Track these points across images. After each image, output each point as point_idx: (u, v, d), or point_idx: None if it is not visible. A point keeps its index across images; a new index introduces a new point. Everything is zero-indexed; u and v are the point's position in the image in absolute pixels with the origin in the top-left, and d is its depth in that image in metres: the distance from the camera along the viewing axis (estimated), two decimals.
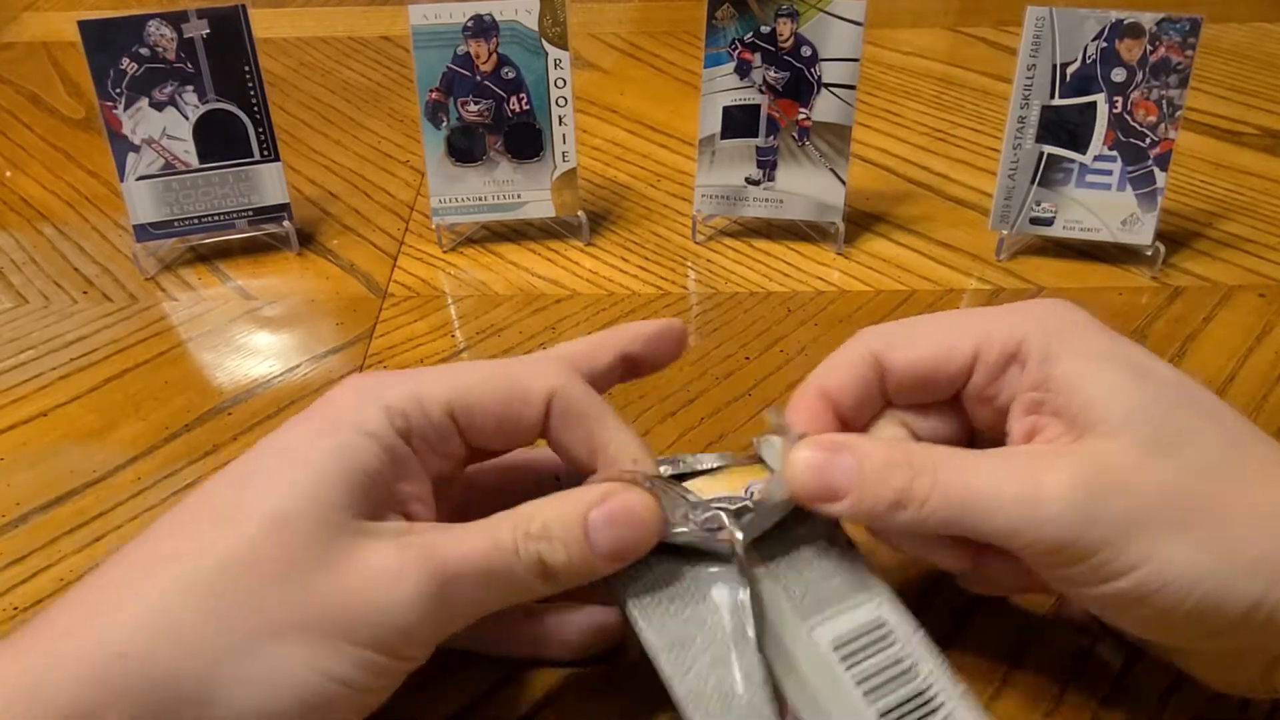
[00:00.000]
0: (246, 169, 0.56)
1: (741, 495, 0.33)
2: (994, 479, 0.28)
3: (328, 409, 0.30)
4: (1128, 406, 0.29)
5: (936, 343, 0.32)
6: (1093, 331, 0.31)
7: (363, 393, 0.30)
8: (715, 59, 0.55)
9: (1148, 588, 0.27)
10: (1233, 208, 0.61)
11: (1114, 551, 0.27)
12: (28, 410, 0.47)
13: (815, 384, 0.33)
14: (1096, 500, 0.27)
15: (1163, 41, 0.51)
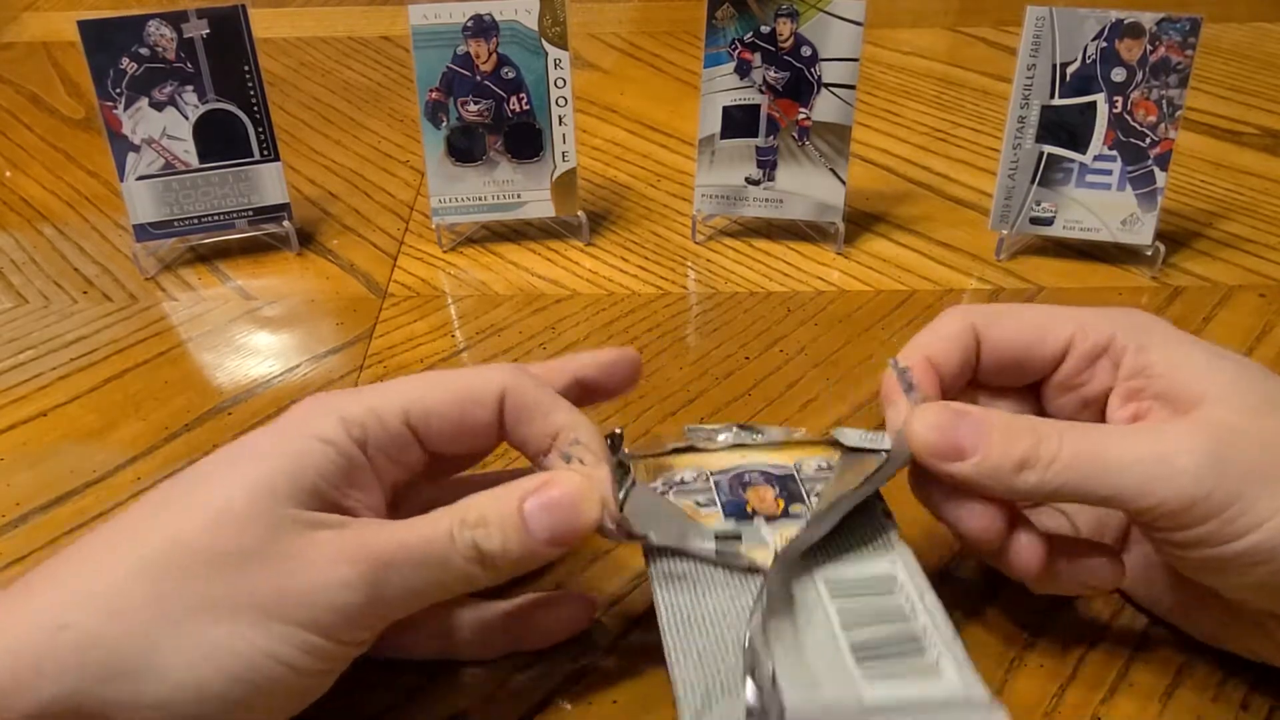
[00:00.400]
0: (246, 169, 0.56)
1: (789, 465, 0.35)
2: (1122, 441, 0.30)
3: (286, 420, 0.31)
4: (1225, 380, 0.30)
5: (1035, 325, 0.34)
6: (1172, 329, 0.34)
7: (320, 405, 0.31)
8: (715, 59, 0.55)
9: (1266, 546, 0.28)
10: (1233, 208, 0.61)
11: (1245, 505, 0.28)
12: (28, 410, 0.47)
13: (921, 351, 0.34)
14: (1226, 457, 0.28)
15: (1163, 41, 0.51)
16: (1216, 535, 0.28)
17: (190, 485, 0.29)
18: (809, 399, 0.47)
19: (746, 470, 0.35)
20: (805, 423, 0.46)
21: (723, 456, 0.36)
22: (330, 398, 0.31)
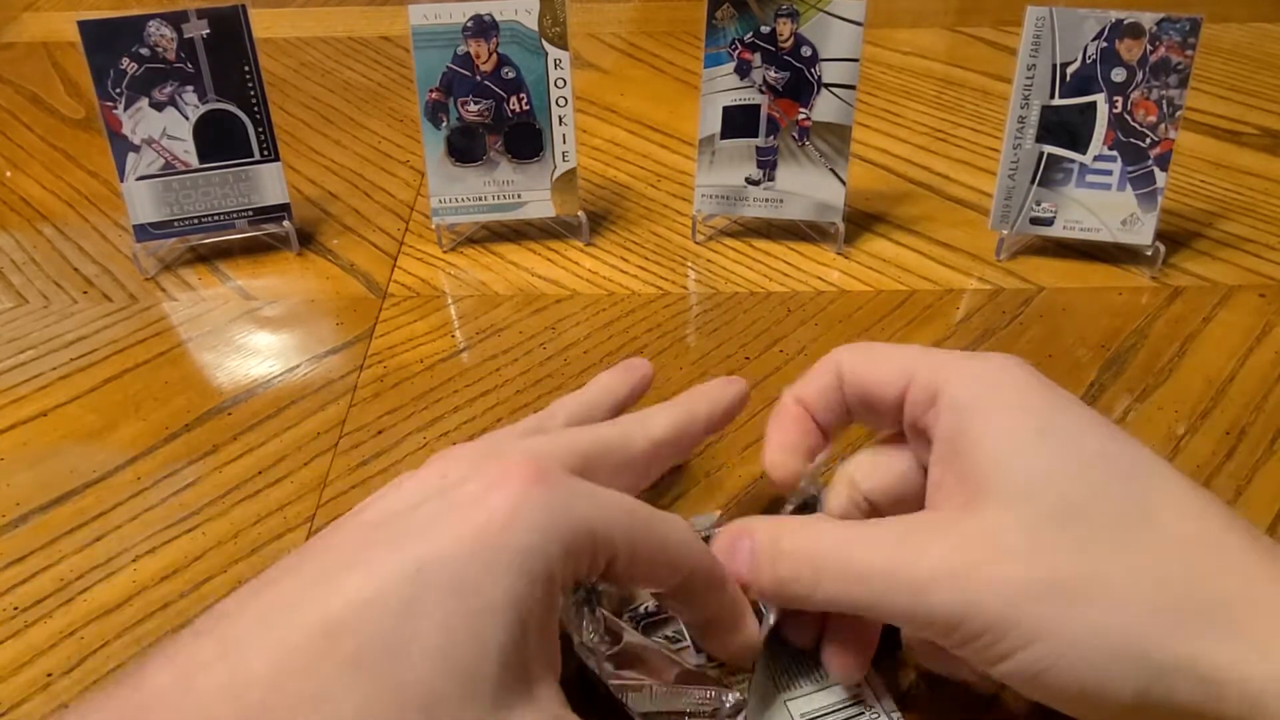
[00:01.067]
0: (246, 169, 0.56)
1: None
2: (879, 560, 0.29)
3: (490, 520, 0.25)
4: (1028, 475, 0.28)
5: (880, 369, 0.33)
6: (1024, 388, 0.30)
7: (542, 517, 0.25)
8: (715, 59, 0.55)
9: (1034, 669, 0.27)
10: (1233, 208, 0.61)
11: (997, 635, 0.27)
12: (28, 410, 0.47)
13: (792, 393, 0.36)
14: (977, 585, 0.27)
15: (1163, 41, 0.51)
16: (980, 657, 0.27)
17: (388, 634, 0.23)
18: None
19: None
20: None
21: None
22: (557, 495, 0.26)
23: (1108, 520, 0.28)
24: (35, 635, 0.37)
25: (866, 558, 0.29)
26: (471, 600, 0.24)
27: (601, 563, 0.27)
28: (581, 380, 0.48)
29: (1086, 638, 0.26)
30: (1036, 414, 0.29)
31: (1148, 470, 0.29)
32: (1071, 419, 0.30)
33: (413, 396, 0.48)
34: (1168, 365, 0.49)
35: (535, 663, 0.25)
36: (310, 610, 0.24)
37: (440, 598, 0.24)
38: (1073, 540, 0.27)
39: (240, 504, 0.42)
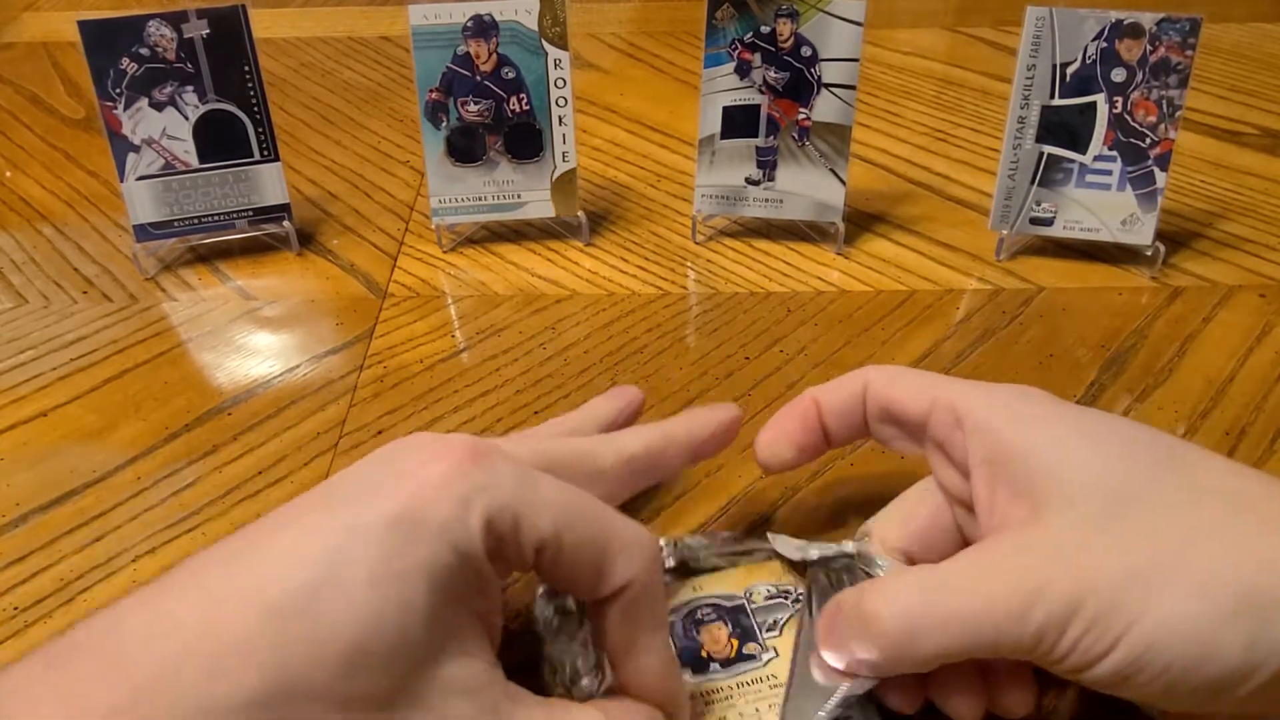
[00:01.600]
0: (246, 169, 0.56)
1: (739, 595, 0.36)
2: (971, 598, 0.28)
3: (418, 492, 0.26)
4: (1080, 474, 0.29)
5: (907, 386, 0.34)
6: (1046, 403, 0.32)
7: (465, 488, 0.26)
8: (715, 59, 0.55)
9: (1141, 649, 0.27)
10: (1233, 208, 0.61)
11: (1103, 627, 0.27)
12: (28, 410, 0.47)
13: (813, 392, 0.36)
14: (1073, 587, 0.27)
15: (1162, 41, 0.51)
16: (1080, 663, 0.27)
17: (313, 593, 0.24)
18: None
19: (699, 605, 0.35)
20: None
21: (674, 590, 0.36)
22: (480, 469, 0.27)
23: (1169, 494, 0.28)
24: (35, 635, 0.37)
25: (958, 600, 0.28)
26: (395, 562, 0.25)
27: (529, 548, 0.27)
28: (581, 380, 0.48)
29: (1188, 600, 0.26)
30: (1066, 421, 0.31)
31: (1183, 450, 0.30)
32: (1097, 420, 0.31)
33: (413, 396, 0.48)
34: (1168, 365, 0.49)
35: (463, 630, 0.26)
36: (240, 563, 0.25)
37: (366, 557, 0.25)
38: (1145, 517, 0.28)
39: (240, 504, 0.42)
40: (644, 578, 0.28)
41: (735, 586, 0.36)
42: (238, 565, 0.25)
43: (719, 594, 0.36)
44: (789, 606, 0.35)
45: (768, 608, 0.35)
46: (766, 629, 0.35)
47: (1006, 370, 0.49)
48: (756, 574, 0.36)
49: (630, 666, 0.29)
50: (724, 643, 0.34)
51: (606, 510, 0.29)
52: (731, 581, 0.36)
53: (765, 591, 0.36)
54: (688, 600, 0.36)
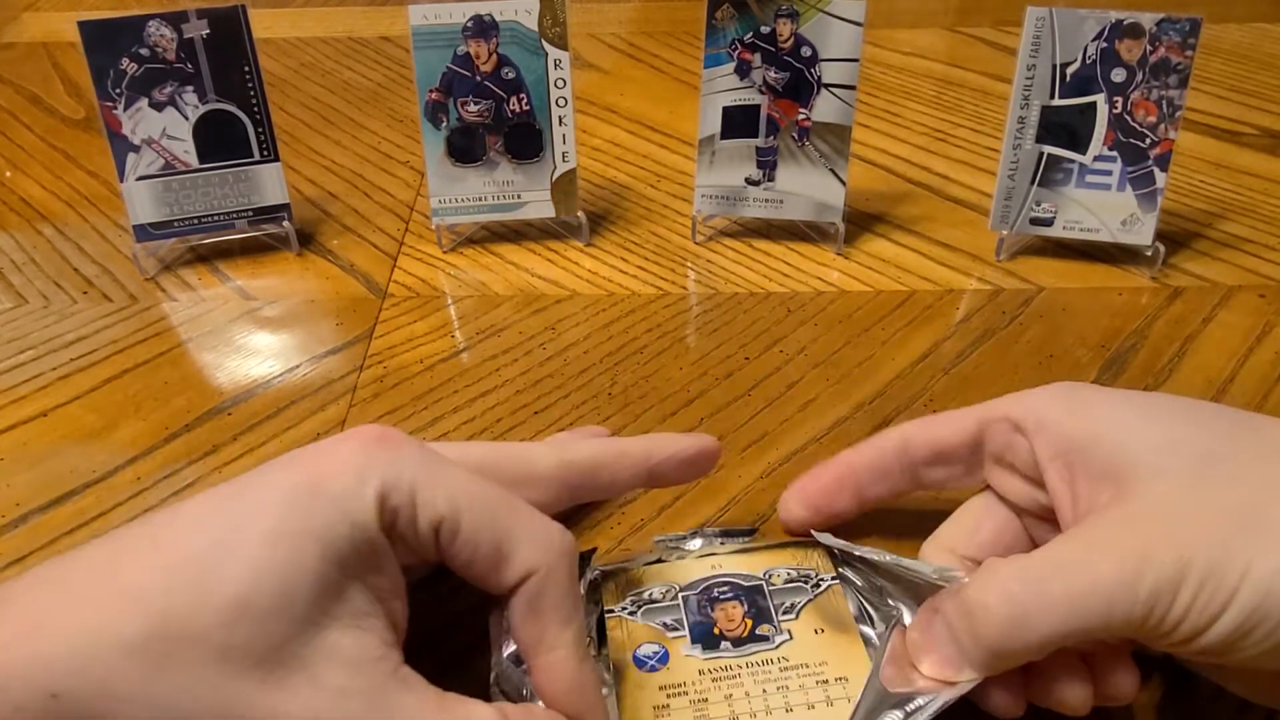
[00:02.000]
0: (246, 169, 0.56)
1: (758, 575, 0.35)
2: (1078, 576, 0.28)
3: (321, 466, 0.27)
4: (1157, 444, 0.29)
5: (950, 422, 0.35)
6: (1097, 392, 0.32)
7: (364, 463, 0.27)
8: (715, 59, 0.55)
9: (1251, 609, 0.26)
10: (1233, 208, 0.61)
11: (1214, 585, 0.27)
12: (28, 410, 0.47)
13: (845, 455, 0.37)
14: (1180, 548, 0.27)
15: (1162, 42, 0.51)
16: (1194, 628, 0.27)
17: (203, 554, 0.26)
18: (809, 399, 0.47)
19: (715, 583, 0.35)
20: (806, 423, 0.46)
21: (692, 566, 0.36)
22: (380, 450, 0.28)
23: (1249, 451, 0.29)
24: None
25: (1065, 579, 0.28)
26: (288, 524, 0.26)
27: (426, 526, 0.27)
28: (581, 380, 0.48)
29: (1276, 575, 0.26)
30: (1124, 403, 0.31)
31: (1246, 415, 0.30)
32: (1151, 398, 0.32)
33: (412, 397, 0.48)
34: (1168, 365, 0.49)
35: (355, 602, 0.27)
36: (148, 525, 0.27)
37: (261, 519, 0.26)
38: (1234, 474, 0.28)
39: None
40: (548, 569, 0.28)
41: (755, 568, 0.36)
42: (148, 528, 0.27)
43: (738, 573, 0.36)
44: (808, 590, 0.35)
45: (786, 590, 0.35)
46: (783, 611, 0.34)
47: (1006, 370, 0.49)
48: (778, 557, 0.36)
49: (539, 664, 0.29)
50: (738, 621, 0.34)
51: (513, 500, 0.29)
52: (752, 562, 0.36)
53: (785, 575, 0.36)
54: (705, 577, 0.36)
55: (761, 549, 0.37)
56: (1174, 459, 0.29)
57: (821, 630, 0.34)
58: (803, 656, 0.33)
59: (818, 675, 0.33)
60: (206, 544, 0.26)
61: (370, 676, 0.26)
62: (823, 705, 0.32)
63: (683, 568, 0.36)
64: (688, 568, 0.36)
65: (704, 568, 0.36)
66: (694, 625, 0.34)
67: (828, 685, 0.32)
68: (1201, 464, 0.29)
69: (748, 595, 0.35)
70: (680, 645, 0.34)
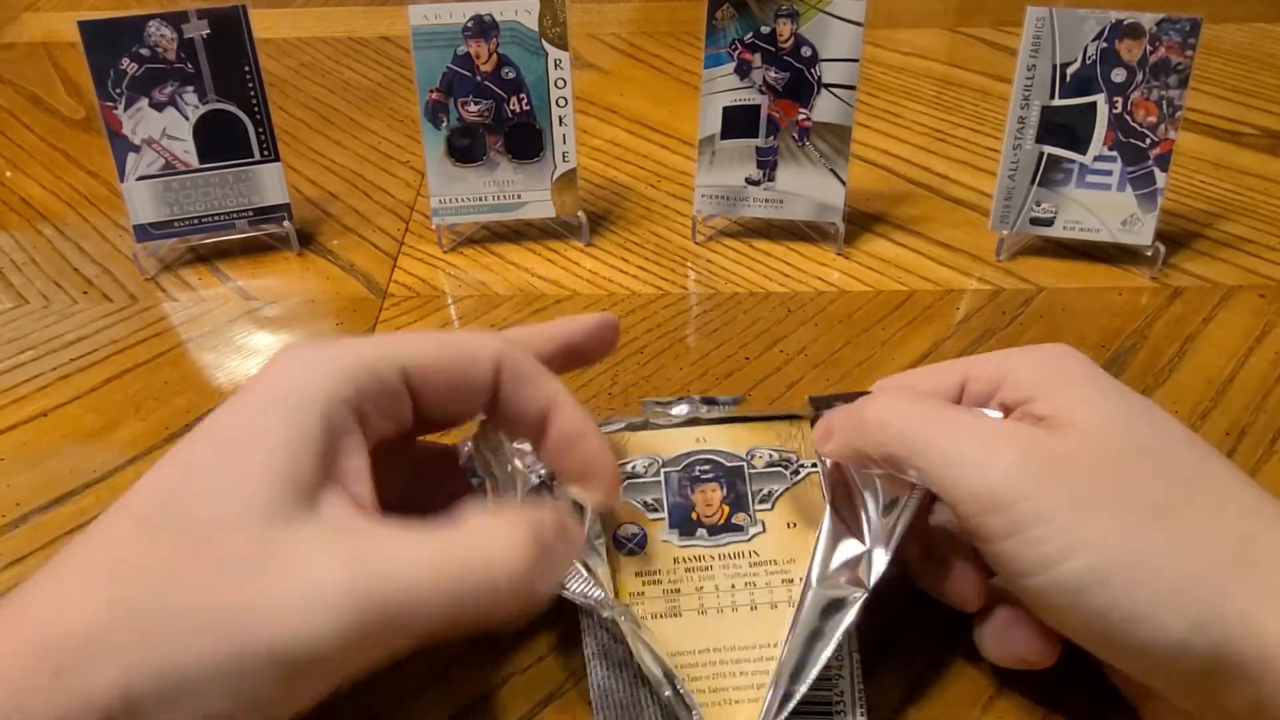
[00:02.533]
0: (246, 169, 0.56)
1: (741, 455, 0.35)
2: (955, 428, 0.30)
3: (271, 379, 0.29)
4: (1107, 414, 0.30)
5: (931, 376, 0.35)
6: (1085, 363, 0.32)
7: (308, 361, 0.29)
8: (715, 59, 0.55)
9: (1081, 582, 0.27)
10: (1233, 208, 0.61)
11: (1056, 529, 0.27)
12: (28, 410, 0.47)
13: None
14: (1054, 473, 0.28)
15: (1163, 42, 0.51)
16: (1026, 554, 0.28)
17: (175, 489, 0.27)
18: None
19: (698, 460, 0.35)
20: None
21: (677, 438, 0.36)
22: (317, 351, 0.30)
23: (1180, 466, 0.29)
24: None
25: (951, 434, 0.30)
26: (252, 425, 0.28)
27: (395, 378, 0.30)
28: (581, 380, 0.48)
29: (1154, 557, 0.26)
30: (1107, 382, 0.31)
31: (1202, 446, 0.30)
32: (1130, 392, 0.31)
33: None
34: (1168, 365, 0.49)
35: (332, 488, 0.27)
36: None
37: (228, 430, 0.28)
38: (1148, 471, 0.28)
39: None
40: (507, 351, 0.31)
41: (739, 445, 0.36)
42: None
43: (721, 450, 0.36)
44: (786, 478, 0.35)
45: (766, 475, 0.35)
46: (759, 499, 0.35)
47: None
48: (764, 434, 0.36)
49: (561, 421, 0.31)
50: (715, 507, 0.35)
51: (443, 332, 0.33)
52: (737, 438, 0.36)
53: (768, 456, 0.36)
54: (689, 452, 0.36)
55: (748, 422, 0.37)
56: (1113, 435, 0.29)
57: (793, 525, 0.34)
58: (772, 552, 0.34)
59: (783, 574, 0.33)
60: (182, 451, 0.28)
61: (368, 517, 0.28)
62: (784, 605, 0.33)
63: (667, 438, 0.36)
64: (672, 439, 0.36)
65: (688, 440, 0.36)
66: (673, 508, 0.35)
67: (791, 585, 0.33)
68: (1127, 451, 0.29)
69: (728, 478, 0.35)
70: (659, 529, 0.34)
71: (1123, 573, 0.26)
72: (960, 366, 0.34)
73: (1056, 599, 0.28)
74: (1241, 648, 0.26)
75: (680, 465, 0.35)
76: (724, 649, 0.32)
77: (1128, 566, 0.27)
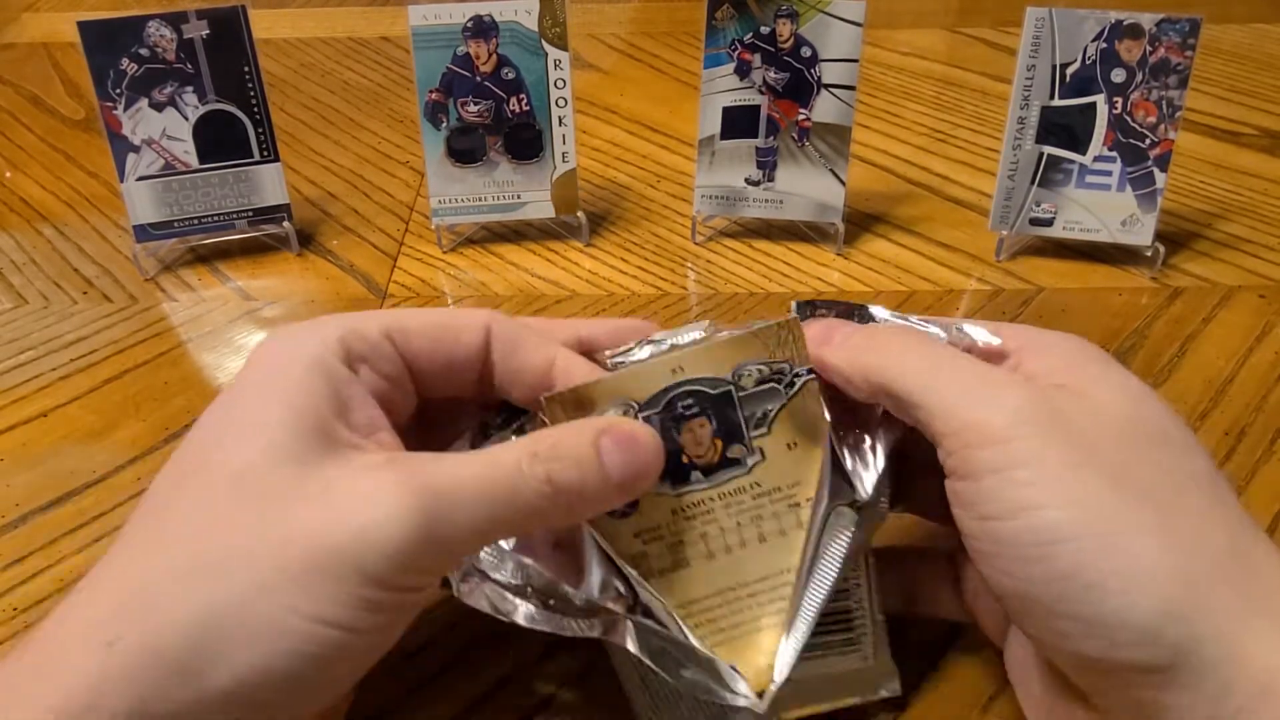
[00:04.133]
0: (246, 169, 0.56)
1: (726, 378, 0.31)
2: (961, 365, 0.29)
3: (265, 361, 0.29)
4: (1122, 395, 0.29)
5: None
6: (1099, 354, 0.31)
7: (295, 338, 0.29)
8: (715, 59, 0.55)
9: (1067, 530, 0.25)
10: (1232, 208, 0.61)
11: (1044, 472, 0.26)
12: (28, 411, 0.47)
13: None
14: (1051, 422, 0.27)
15: (1162, 42, 0.51)
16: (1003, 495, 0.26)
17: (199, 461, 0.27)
18: None
19: (679, 395, 0.31)
20: None
21: (652, 373, 0.31)
22: (296, 327, 0.30)
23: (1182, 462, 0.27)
24: None
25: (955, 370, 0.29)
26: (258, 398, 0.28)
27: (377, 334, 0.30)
28: None
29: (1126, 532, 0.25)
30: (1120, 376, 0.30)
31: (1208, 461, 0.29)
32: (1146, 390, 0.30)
33: None
34: (1168, 366, 0.49)
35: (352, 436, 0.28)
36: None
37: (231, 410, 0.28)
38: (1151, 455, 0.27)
39: None
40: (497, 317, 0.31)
41: (722, 367, 0.31)
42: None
43: (703, 378, 0.31)
44: (781, 393, 0.31)
45: (758, 395, 0.31)
46: (754, 425, 0.31)
47: None
48: (748, 348, 0.31)
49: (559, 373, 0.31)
50: (706, 444, 0.31)
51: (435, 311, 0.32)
52: (718, 359, 0.31)
53: (756, 373, 0.31)
54: (667, 388, 0.31)
55: (728, 340, 0.31)
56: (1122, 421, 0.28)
57: (794, 444, 0.32)
58: (775, 479, 0.31)
59: (789, 499, 0.31)
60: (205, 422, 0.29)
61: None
62: (795, 530, 0.31)
63: (640, 377, 0.31)
64: (646, 376, 0.31)
65: (664, 373, 0.31)
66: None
67: (798, 509, 0.31)
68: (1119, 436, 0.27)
69: (715, 408, 0.31)
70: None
71: (1101, 537, 0.25)
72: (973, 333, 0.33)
73: (1023, 548, 0.26)
74: (1209, 653, 0.24)
75: (660, 405, 0.31)
76: (739, 586, 0.31)
77: (1108, 533, 0.25)
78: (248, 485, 0.26)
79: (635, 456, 0.28)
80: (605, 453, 0.28)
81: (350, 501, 0.25)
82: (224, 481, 0.26)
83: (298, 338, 0.29)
